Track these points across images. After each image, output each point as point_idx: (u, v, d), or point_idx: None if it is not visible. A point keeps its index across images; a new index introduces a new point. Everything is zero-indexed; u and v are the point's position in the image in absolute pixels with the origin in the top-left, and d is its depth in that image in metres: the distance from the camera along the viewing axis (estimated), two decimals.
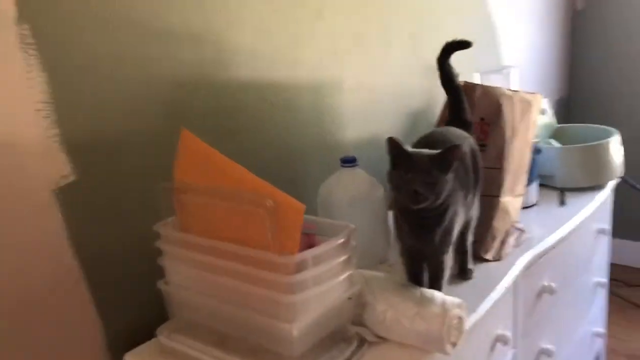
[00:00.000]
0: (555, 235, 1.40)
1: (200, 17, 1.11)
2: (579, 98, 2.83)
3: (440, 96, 1.76)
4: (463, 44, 1.19)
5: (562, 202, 1.60)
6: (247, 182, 0.84)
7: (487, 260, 1.25)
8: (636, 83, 2.72)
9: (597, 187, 1.69)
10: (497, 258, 1.26)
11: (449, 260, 1.03)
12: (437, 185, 0.90)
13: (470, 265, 1.18)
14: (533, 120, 1.32)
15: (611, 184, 1.74)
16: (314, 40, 1.36)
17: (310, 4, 1.33)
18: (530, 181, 1.51)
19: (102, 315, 1.01)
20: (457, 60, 1.78)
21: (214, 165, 0.89)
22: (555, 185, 1.68)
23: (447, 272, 1.04)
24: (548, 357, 1.45)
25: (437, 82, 1.24)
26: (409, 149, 0.93)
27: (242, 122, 1.22)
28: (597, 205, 1.62)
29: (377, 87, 1.57)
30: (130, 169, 1.03)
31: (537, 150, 1.53)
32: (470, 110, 1.27)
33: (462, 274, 1.17)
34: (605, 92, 2.79)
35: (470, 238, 1.16)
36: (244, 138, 1.22)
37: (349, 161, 1.22)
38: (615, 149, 1.69)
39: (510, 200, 1.30)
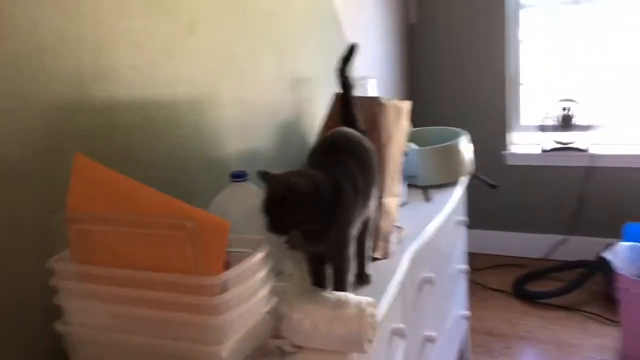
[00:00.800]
0: (428, 229, 1.52)
1: (74, 33, 1.03)
2: (421, 104, 3.10)
3: (308, 108, 1.83)
4: (352, 51, 1.30)
5: (427, 199, 1.74)
6: (162, 203, 0.80)
7: (376, 259, 1.32)
8: (467, 88, 3.05)
9: (453, 183, 1.87)
10: (385, 256, 1.34)
11: (350, 261, 1.08)
12: (289, 222, 0.96)
13: (368, 270, 1.23)
14: (403, 125, 1.43)
15: (465, 180, 1.93)
16: (189, 56, 1.33)
17: (180, 19, 1.30)
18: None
19: None
20: (317, 72, 1.86)
21: (117, 190, 0.83)
22: (418, 184, 1.82)
23: (350, 273, 1.09)
24: (431, 343, 1.57)
25: (304, 95, 1.29)
26: (275, 177, 0.98)
27: (124, 142, 1.15)
28: (457, 199, 1.80)
29: (251, 102, 1.58)
30: (14, 203, 0.92)
31: (404, 153, 1.65)
32: None
33: (361, 279, 1.21)
34: (442, 97, 3.10)
35: (368, 243, 1.21)
36: (125, 159, 1.15)
37: (239, 176, 1.21)
38: (466, 147, 1.88)
39: (390, 201, 1.39)
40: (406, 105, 1.43)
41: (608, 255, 2.09)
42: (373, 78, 1.89)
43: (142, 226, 0.81)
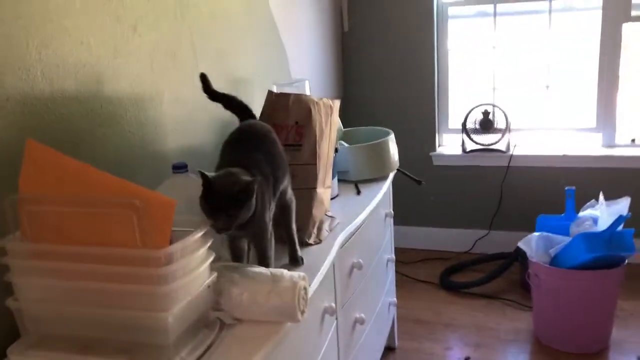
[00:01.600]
0: (358, 219, 1.65)
1: (22, 29, 1.09)
2: (355, 108, 3.26)
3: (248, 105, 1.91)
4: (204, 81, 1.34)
5: (358, 192, 1.88)
6: (110, 184, 0.88)
7: (309, 245, 1.44)
8: (398, 93, 3.23)
9: (382, 178, 2.01)
10: (317, 242, 1.46)
11: (270, 241, 1.20)
12: (238, 216, 1.04)
13: (300, 253, 1.34)
14: (335, 122, 1.55)
15: (392, 175, 2.08)
16: (132, 55, 1.40)
17: (125, 19, 1.37)
18: (332, 177, 1.75)
19: None
20: (254, 73, 1.97)
21: (68, 172, 0.90)
22: (350, 179, 1.96)
23: (272, 250, 1.21)
24: (361, 324, 1.70)
25: (242, 94, 1.40)
26: (216, 182, 1.05)
27: (68, 136, 1.21)
28: (384, 193, 1.94)
29: (191, 100, 1.66)
30: None
31: (335, 150, 1.78)
32: (285, 115, 1.45)
33: (294, 261, 1.34)
34: (375, 102, 3.26)
35: (294, 227, 1.33)
36: (69, 150, 1.21)
37: (180, 167, 1.30)
38: (392, 145, 2.04)
39: (323, 191, 1.50)
40: (336, 104, 1.55)
41: (522, 245, 2.29)
42: (307, 80, 2.01)
43: (91, 205, 0.88)
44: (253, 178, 1.06)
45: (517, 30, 3.12)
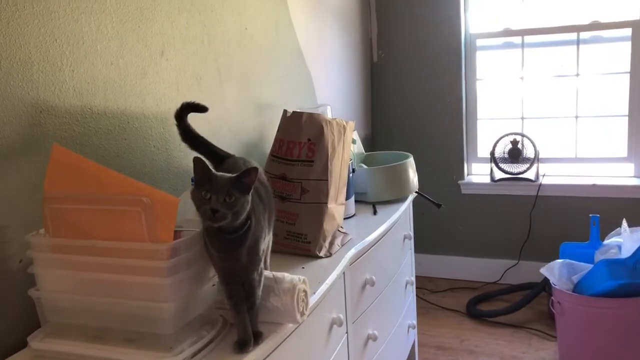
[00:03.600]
0: (370, 237, 1.70)
1: (58, 51, 1.21)
2: (384, 135, 3.33)
3: (270, 130, 2.01)
4: (199, 108, 1.28)
5: (374, 213, 1.92)
6: (123, 184, 0.97)
7: (320, 257, 1.49)
8: (427, 123, 3.28)
9: (400, 200, 2.06)
10: (328, 255, 1.51)
11: (260, 276, 1.08)
12: (236, 205, 0.95)
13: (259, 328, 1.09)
14: (348, 141, 1.62)
15: (410, 197, 2.13)
16: (159, 75, 1.52)
17: (153, 44, 1.50)
18: (348, 196, 1.81)
19: None
20: (280, 98, 2.06)
21: (89, 174, 1.00)
22: (368, 200, 2.01)
23: (260, 288, 1.08)
24: (373, 341, 1.72)
25: (266, 119, 1.46)
26: (213, 170, 0.99)
27: (95, 148, 1.32)
28: (401, 213, 1.98)
29: (215, 121, 1.77)
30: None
31: (352, 170, 1.84)
32: (298, 132, 1.54)
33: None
34: (399, 127, 3.33)
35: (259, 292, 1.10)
36: (96, 161, 1.32)
37: None
38: (411, 168, 2.08)
39: (335, 207, 1.56)
40: (350, 124, 1.62)
41: (545, 271, 2.27)
42: (328, 105, 2.10)
43: (105, 203, 0.97)
44: (256, 167, 1.03)
45: (545, 60, 3.14)
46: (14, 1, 1.12)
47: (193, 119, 1.65)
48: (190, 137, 1.28)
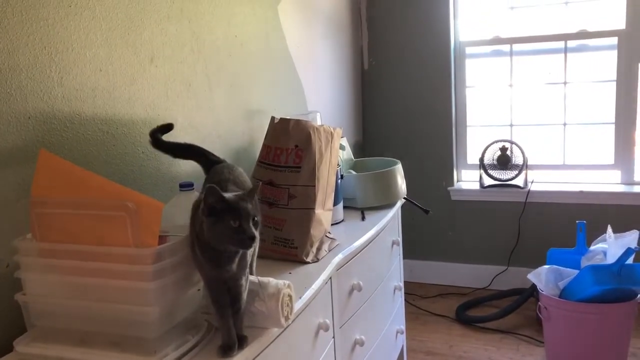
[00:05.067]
0: (358, 242, 1.72)
1: (46, 57, 1.23)
2: (374, 142, 3.35)
3: (259, 135, 2.02)
4: (166, 127, 1.33)
5: (363, 218, 1.94)
6: (109, 189, 0.98)
7: (307, 263, 1.51)
8: (417, 129, 3.31)
9: (388, 206, 2.07)
10: (315, 260, 1.52)
11: (246, 281, 1.08)
12: (259, 224, 1.00)
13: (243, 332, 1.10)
14: (336, 148, 1.63)
15: (399, 203, 2.14)
16: (148, 82, 1.53)
17: (142, 51, 1.51)
18: (336, 202, 1.82)
19: None
20: (269, 105, 2.08)
21: (75, 179, 1.01)
22: (356, 206, 2.03)
23: (245, 293, 1.08)
24: (361, 346, 1.73)
25: (256, 125, 1.48)
26: (228, 196, 0.97)
27: (84, 153, 1.33)
28: (389, 219, 2.00)
29: (204, 127, 1.78)
30: None
31: (340, 177, 1.86)
32: (286, 139, 1.55)
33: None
34: (390, 134, 3.35)
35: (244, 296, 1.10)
36: (84, 167, 1.33)
37: (186, 185, 1.40)
38: (399, 175, 2.10)
39: (323, 213, 1.58)
40: (338, 131, 1.64)
41: (532, 277, 2.29)
42: (318, 112, 2.12)
43: (90, 207, 0.99)
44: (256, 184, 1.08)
45: (533, 68, 3.18)
46: (3, 8, 1.13)
47: (181, 127, 1.67)
48: (181, 150, 1.36)
